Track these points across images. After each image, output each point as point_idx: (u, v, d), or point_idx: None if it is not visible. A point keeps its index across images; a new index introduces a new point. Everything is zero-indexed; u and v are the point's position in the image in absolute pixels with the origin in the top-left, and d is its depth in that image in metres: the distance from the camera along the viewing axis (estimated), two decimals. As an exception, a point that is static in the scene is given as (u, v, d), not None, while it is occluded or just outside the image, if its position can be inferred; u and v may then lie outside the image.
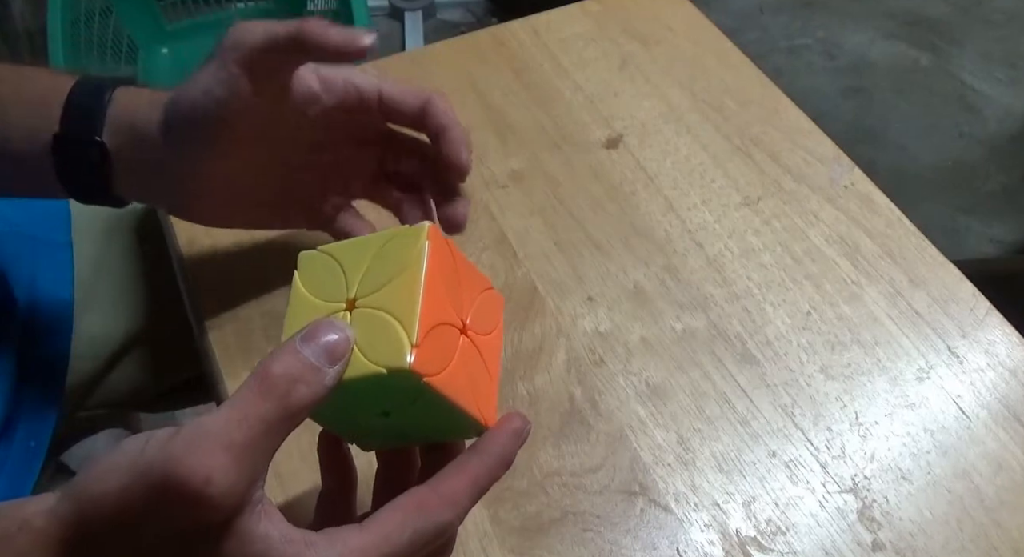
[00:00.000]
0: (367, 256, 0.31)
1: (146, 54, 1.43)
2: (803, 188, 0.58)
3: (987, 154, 1.62)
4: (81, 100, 0.39)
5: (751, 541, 0.43)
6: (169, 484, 0.24)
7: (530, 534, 0.43)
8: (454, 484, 0.29)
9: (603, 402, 0.48)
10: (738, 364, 0.49)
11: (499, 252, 0.54)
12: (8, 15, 1.45)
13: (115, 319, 0.62)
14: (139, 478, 0.24)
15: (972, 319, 0.52)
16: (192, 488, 0.24)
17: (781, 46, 1.82)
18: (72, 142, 0.39)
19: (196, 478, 0.24)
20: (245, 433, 0.25)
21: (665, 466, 0.45)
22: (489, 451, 0.31)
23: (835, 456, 0.46)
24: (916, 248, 0.55)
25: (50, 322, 0.57)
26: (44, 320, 0.57)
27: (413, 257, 0.30)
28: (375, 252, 0.31)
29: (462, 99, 0.63)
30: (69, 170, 0.40)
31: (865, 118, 1.67)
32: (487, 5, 1.86)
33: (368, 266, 0.30)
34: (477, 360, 0.32)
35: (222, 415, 0.25)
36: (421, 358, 0.28)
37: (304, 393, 0.26)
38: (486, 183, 0.58)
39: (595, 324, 0.51)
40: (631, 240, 0.55)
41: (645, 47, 0.67)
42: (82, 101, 0.39)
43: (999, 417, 0.48)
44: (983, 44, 1.81)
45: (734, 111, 0.62)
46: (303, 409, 0.26)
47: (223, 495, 0.24)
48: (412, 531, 0.28)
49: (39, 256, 0.58)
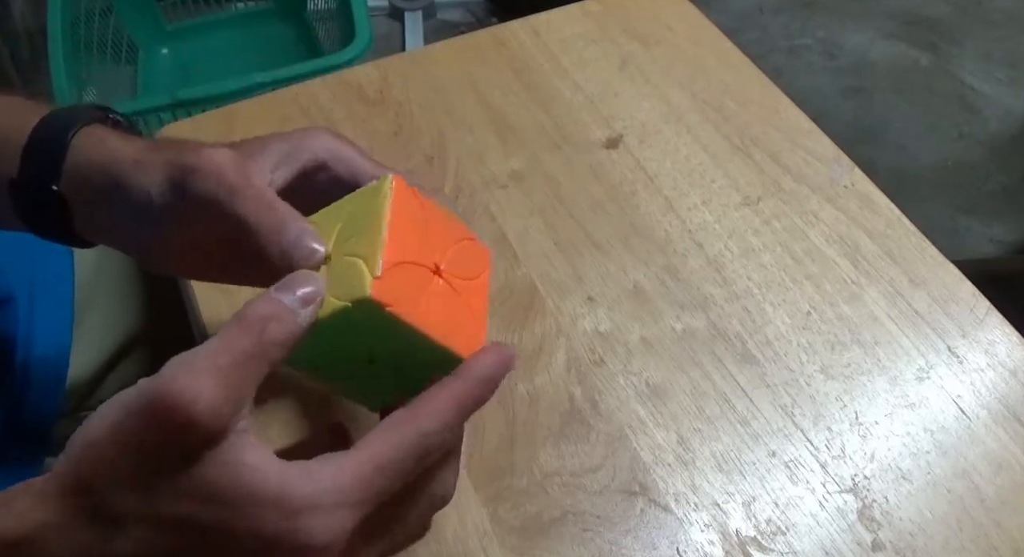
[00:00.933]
0: (342, 216, 0.33)
1: (146, 54, 1.43)
2: (803, 188, 0.58)
3: (987, 154, 1.62)
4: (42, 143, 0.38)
5: (751, 541, 0.43)
6: (157, 407, 0.25)
7: (530, 534, 0.43)
8: (434, 400, 0.30)
9: (603, 402, 0.48)
10: (738, 364, 0.49)
11: (499, 252, 0.54)
12: (8, 15, 1.45)
13: (115, 319, 0.62)
14: (130, 412, 0.26)
15: (972, 319, 0.52)
16: (180, 406, 0.25)
17: (781, 46, 1.82)
18: (30, 188, 0.38)
19: (183, 397, 0.25)
20: (227, 360, 0.26)
21: (665, 466, 0.45)
22: (470, 373, 0.31)
23: (835, 456, 0.46)
24: (916, 248, 0.55)
25: (50, 322, 0.57)
26: (44, 320, 0.57)
27: (377, 204, 0.32)
28: (348, 210, 0.33)
29: (462, 99, 0.63)
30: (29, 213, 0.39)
31: (865, 118, 1.67)
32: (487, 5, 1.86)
33: (342, 224, 0.33)
34: (456, 302, 0.33)
35: (205, 347, 0.27)
36: (382, 288, 0.29)
37: (278, 330, 0.28)
38: (486, 183, 0.58)
39: (595, 324, 0.51)
40: (631, 240, 0.55)
41: (645, 47, 0.67)
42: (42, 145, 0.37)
43: (999, 417, 0.48)
44: (983, 44, 1.81)
45: (734, 111, 0.62)
46: (279, 344, 0.28)
47: (210, 415, 0.25)
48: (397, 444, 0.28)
49: (39, 256, 0.58)
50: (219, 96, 1.05)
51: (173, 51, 1.46)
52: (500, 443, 0.46)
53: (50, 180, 0.37)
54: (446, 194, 0.57)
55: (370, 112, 0.62)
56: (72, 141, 0.37)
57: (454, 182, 0.58)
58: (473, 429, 0.46)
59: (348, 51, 1.08)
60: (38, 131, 0.38)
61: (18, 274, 0.55)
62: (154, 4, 1.42)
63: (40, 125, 0.38)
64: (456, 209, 0.56)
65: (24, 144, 0.37)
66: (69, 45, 1.14)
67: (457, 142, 0.60)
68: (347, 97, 0.63)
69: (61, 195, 0.37)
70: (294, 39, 1.47)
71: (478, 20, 1.84)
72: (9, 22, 1.45)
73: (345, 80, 0.64)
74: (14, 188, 0.38)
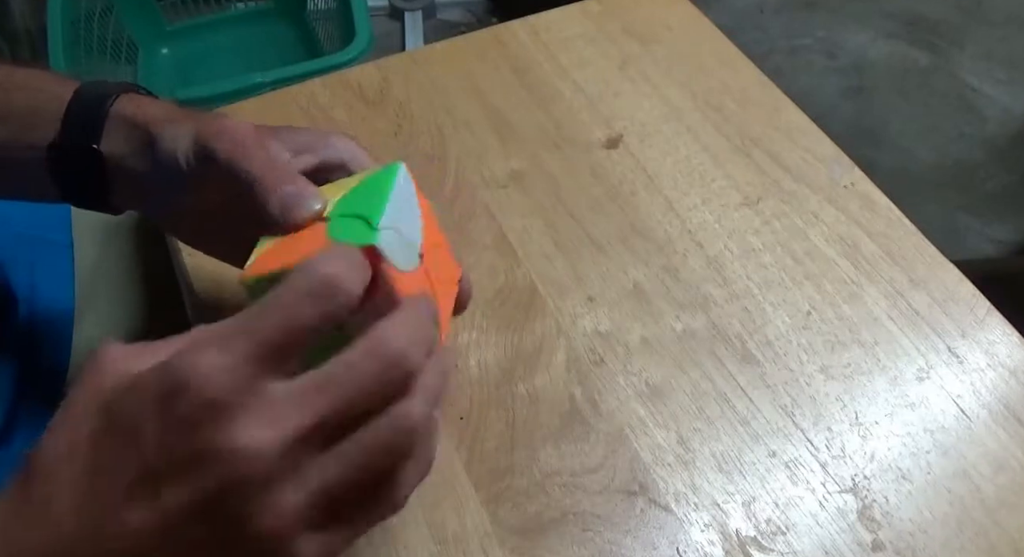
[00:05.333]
0: (343, 190, 0.35)
1: (146, 54, 1.43)
2: (803, 188, 0.58)
3: (987, 154, 1.62)
4: (81, 109, 0.39)
5: (751, 541, 0.43)
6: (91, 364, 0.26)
7: (530, 534, 0.43)
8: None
9: (603, 402, 0.48)
10: (738, 364, 0.49)
11: (499, 252, 0.54)
12: (8, 15, 1.45)
13: (115, 319, 0.62)
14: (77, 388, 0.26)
15: (972, 319, 0.52)
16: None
17: (781, 46, 1.82)
18: (69, 151, 0.39)
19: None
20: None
21: (665, 466, 0.45)
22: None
23: (835, 456, 0.46)
24: (916, 248, 0.55)
25: (51, 322, 0.57)
26: (45, 320, 0.57)
27: (385, 181, 0.34)
28: (351, 186, 0.35)
29: (462, 99, 0.63)
30: (66, 178, 0.40)
31: (865, 118, 1.67)
32: (487, 5, 1.86)
33: (344, 195, 0.34)
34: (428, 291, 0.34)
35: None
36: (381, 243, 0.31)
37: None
38: (486, 183, 0.58)
39: (595, 324, 0.51)
40: (631, 240, 0.55)
41: (645, 47, 0.67)
42: (82, 110, 0.39)
43: (999, 417, 0.48)
44: (983, 44, 1.81)
45: (734, 111, 0.62)
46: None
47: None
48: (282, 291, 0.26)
49: (39, 256, 0.58)
50: (219, 96, 1.05)
51: (173, 51, 1.46)
52: (500, 443, 0.46)
53: (92, 140, 0.39)
54: (446, 194, 0.57)
55: (370, 112, 0.62)
56: (112, 105, 0.39)
57: (454, 182, 0.58)
58: (473, 429, 0.46)
59: (348, 51, 1.08)
60: (77, 97, 0.40)
61: (18, 274, 0.55)
62: (154, 4, 1.42)
63: (79, 92, 0.40)
64: (456, 209, 0.56)
65: (64, 110, 0.39)
66: (69, 45, 1.14)
67: (457, 142, 0.60)
68: (347, 97, 0.63)
69: (100, 156, 0.39)
70: (294, 39, 1.47)
71: (478, 20, 1.84)
72: (9, 22, 1.45)
73: (345, 80, 0.64)
74: (52, 151, 0.39)
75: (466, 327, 0.50)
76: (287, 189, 0.34)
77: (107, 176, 0.40)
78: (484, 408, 0.47)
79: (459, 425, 0.46)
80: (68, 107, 0.39)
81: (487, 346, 0.50)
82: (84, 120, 0.39)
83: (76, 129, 0.39)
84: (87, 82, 0.41)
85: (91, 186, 0.40)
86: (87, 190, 0.41)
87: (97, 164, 0.39)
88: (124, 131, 0.39)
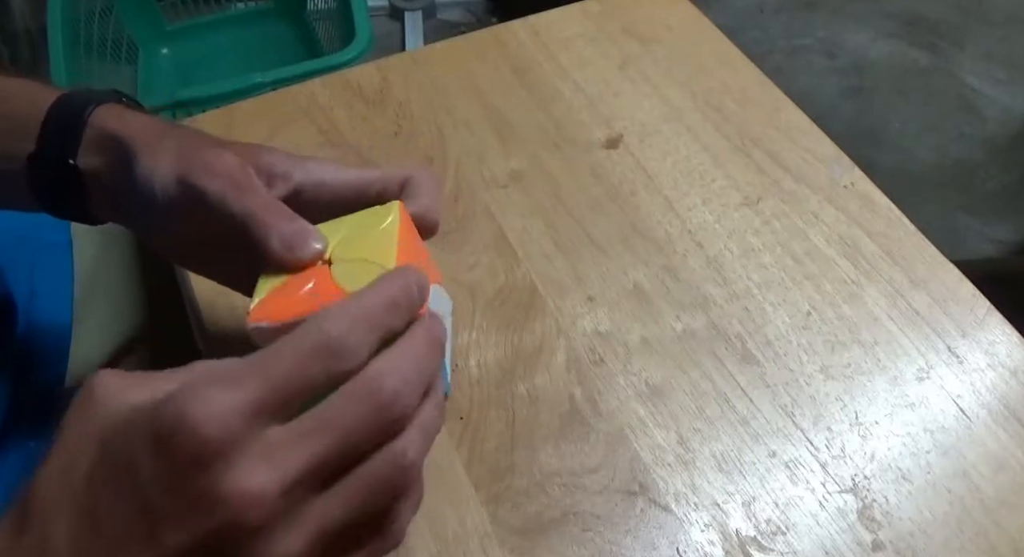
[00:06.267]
0: (341, 229, 0.35)
1: (146, 54, 1.43)
2: (803, 188, 0.58)
3: (987, 154, 1.62)
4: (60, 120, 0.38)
5: (751, 541, 0.43)
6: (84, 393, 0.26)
7: (530, 534, 0.43)
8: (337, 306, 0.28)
9: (603, 402, 0.48)
10: (738, 364, 0.49)
11: (499, 252, 0.54)
12: (8, 15, 1.45)
13: (115, 320, 0.62)
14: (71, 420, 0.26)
15: (972, 319, 0.52)
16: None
17: (781, 46, 1.82)
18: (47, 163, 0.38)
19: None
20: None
21: (665, 466, 0.45)
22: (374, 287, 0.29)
23: (835, 456, 0.46)
24: (916, 248, 0.55)
25: (50, 322, 0.57)
26: (44, 320, 0.57)
27: (387, 223, 0.35)
28: (349, 224, 0.36)
29: (462, 99, 0.63)
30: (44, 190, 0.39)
31: (865, 118, 1.67)
32: (487, 5, 1.86)
33: (343, 235, 0.35)
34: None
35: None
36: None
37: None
38: (486, 183, 0.58)
39: (595, 324, 0.51)
40: (631, 240, 0.55)
41: (645, 47, 0.67)
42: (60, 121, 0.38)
43: (999, 417, 0.48)
44: (983, 44, 1.81)
45: (734, 111, 0.62)
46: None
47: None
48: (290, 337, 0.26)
49: (39, 256, 0.58)
50: (219, 96, 1.05)
51: (173, 51, 1.46)
52: (500, 443, 0.46)
53: (68, 153, 0.38)
54: (446, 194, 0.57)
55: (370, 112, 0.62)
56: (90, 116, 0.38)
57: (454, 182, 0.58)
58: (473, 429, 0.46)
59: (348, 51, 1.08)
60: (56, 107, 0.39)
61: (18, 274, 0.55)
62: (154, 4, 1.42)
63: (58, 102, 0.39)
64: (456, 209, 0.56)
65: (42, 120, 0.38)
66: (69, 45, 1.14)
67: (457, 142, 0.60)
68: (347, 97, 0.63)
69: (77, 169, 0.38)
70: (294, 39, 1.47)
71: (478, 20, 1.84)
72: (9, 22, 1.45)
73: (345, 80, 0.64)
74: (31, 162, 0.39)
75: (466, 327, 0.50)
76: (289, 227, 0.34)
77: (85, 189, 0.39)
78: (484, 408, 0.47)
79: (459, 425, 0.46)
80: (47, 117, 0.38)
81: (487, 346, 0.50)
82: (62, 132, 0.38)
83: (54, 141, 0.38)
84: (71, 91, 0.40)
85: (70, 199, 0.39)
86: (66, 203, 0.40)
87: (75, 177, 0.38)
88: (101, 145, 0.38)
